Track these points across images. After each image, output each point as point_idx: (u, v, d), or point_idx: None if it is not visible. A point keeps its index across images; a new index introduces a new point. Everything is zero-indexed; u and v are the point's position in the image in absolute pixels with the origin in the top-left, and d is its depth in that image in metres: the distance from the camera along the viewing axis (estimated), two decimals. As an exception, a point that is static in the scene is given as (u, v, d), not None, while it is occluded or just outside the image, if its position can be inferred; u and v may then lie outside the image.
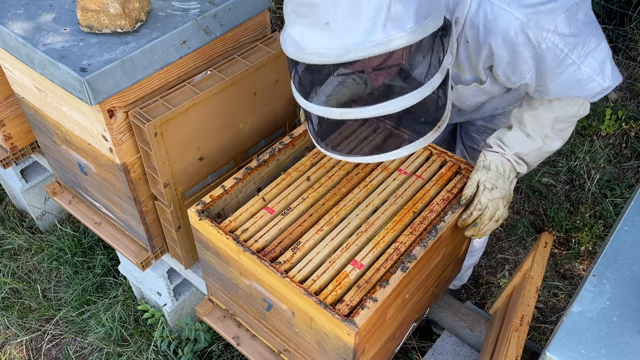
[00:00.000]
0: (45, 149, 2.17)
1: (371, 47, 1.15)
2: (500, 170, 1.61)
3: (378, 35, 1.15)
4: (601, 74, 1.44)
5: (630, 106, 3.54)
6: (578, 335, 1.13)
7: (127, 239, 2.13)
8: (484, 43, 1.46)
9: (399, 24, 1.16)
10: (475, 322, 2.01)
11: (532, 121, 1.58)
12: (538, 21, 1.37)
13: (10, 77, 1.96)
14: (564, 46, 1.39)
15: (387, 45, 1.16)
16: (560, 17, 1.37)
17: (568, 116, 1.56)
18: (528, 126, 1.59)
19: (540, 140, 1.60)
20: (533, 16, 1.37)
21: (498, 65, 1.50)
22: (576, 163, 3.24)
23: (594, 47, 1.42)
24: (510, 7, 1.37)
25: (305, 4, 1.15)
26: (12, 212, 3.14)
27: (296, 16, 1.19)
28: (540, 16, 1.37)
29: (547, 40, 1.38)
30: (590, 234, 2.91)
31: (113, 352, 2.53)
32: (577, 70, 1.43)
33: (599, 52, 1.42)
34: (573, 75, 1.44)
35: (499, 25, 1.40)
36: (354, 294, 1.40)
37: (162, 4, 1.73)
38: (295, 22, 1.20)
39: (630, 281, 1.22)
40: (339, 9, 1.13)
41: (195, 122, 1.70)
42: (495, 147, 1.64)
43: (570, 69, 1.43)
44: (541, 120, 1.57)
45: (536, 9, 1.36)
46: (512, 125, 1.64)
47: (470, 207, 1.59)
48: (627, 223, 1.34)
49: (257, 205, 1.63)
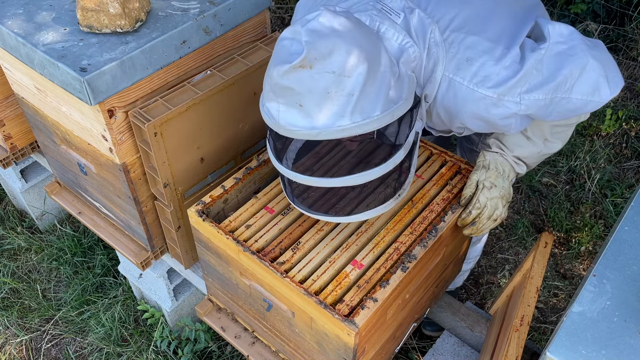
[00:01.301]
0: (45, 149, 2.17)
1: (339, 132, 1.24)
2: (499, 169, 1.61)
3: (345, 121, 1.23)
4: (597, 92, 1.39)
5: (631, 106, 3.54)
6: (578, 335, 1.13)
7: (127, 239, 2.13)
8: (456, 118, 1.48)
9: (365, 112, 1.24)
10: (476, 322, 2.01)
11: (531, 126, 1.57)
12: (509, 91, 1.36)
13: (10, 77, 1.95)
14: (544, 95, 1.37)
15: (352, 131, 1.24)
16: (532, 74, 1.36)
17: (568, 123, 1.55)
18: (528, 130, 1.58)
19: (541, 143, 1.59)
20: (504, 90, 1.36)
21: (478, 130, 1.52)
22: (576, 163, 3.24)
23: (579, 73, 1.37)
24: (480, 88, 1.37)
25: (283, 86, 1.22)
26: (12, 212, 3.14)
27: (274, 94, 1.26)
28: (511, 88, 1.36)
29: (525, 100, 1.37)
30: (591, 234, 2.91)
31: (113, 352, 2.53)
32: (569, 102, 1.40)
33: (587, 74, 1.37)
34: (566, 107, 1.41)
35: (471, 104, 1.41)
36: (354, 294, 1.40)
37: (162, 3, 1.73)
38: (272, 99, 1.28)
39: (630, 281, 1.22)
40: (312, 94, 1.21)
41: (195, 122, 1.70)
42: (494, 147, 1.64)
43: (562, 103, 1.40)
44: (540, 126, 1.56)
45: (506, 84, 1.35)
46: None
47: (469, 206, 1.58)
48: (628, 223, 1.34)
49: (257, 205, 1.63)
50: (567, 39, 1.39)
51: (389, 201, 1.47)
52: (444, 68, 1.41)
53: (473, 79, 1.38)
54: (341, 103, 1.21)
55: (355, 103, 1.22)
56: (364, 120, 1.24)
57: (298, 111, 1.24)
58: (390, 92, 1.27)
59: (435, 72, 1.42)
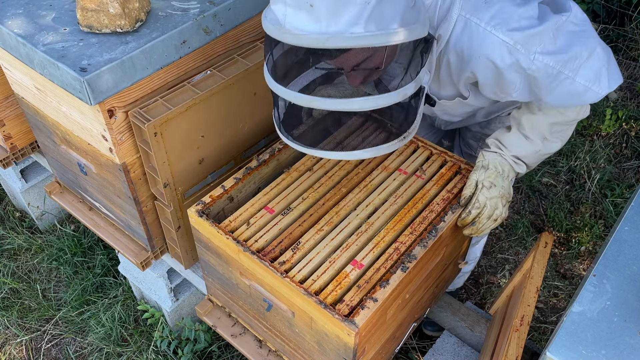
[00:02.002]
0: (45, 149, 2.17)
1: (350, 39, 1.15)
2: (499, 169, 1.60)
3: (359, 28, 1.14)
4: (597, 82, 1.40)
5: (631, 106, 3.54)
6: (578, 335, 1.13)
7: (127, 239, 2.13)
8: (468, 64, 1.44)
9: (383, 22, 1.16)
10: (476, 322, 2.01)
11: (530, 124, 1.57)
12: (526, 44, 1.34)
13: (10, 77, 1.95)
14: (555, 63, 1.37)
15: (365, 41, 1.16)
16: (548, 36, 1.35)
17: (567, 121, 1.55)
18: (527, 128, 1.58)
19: (540, 143, 1.59)
20: (521, 39, 1.34)
21: (482, 85, 1.49)
22: (576, 163, 3.24)
23: (587, 57, 1.38)
24: (497, 31, 1.35)
25: None
26: (12, 212, 3.14)
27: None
28: (528, 39, 1.34)
29: (537, 61, 1.36)
30: (591, 234, 2.91)
31: (113, 352, 2.53)
32: (572, 83, 1.40)
33: (593, 61, 1.39)
34: (568, 89, 1.41)
35: (485, 47, 1.37)
36: (354, 294, 1.40)
37: (162, 3, 1.73)
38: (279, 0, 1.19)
39: (630, 281, 1.22)
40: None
41: (195, 122, 1.70)
42: (493, 147, 1.63)
43: (565, 83, 1.40)
44: (539, 124, 1.56)
45: (524, 32, 1.34)
46: (511, 126, 1.63)
47: (468, 206, 1.58)
48: (628, 223, 1.34)
49: (257, 205, 1.63)
50: (581, 22, 1.40)
51: (393, 141, 1.39)
52: (461, 7, 1.38)
53: (491, 21, 1.36)
54: (357, 9, 1.13)
55: (372, 11, 1.14)
56: (379, 31, 1.16)
57: (307, 14, 1.15)
58: (406, 13, 1.21)
59: (452, 11, 1.38)
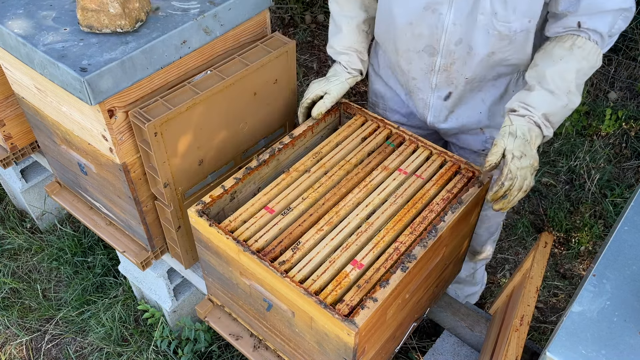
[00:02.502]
0: (45, 149, 2.17)
1: None
2: (527, 137, 1.55)
3: None
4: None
5: (631, 106, 3.54)
6: (578, 335, 1.13)
7: (127, 239, 2.13)
8: None
9: None
10: (475, 322, 2.01)
11: (556, 77, 1.56)
12: None
13: (10, 77, 1.96)
14: None
15: None
16: None
17: (589, 67, 1.56)
18: (551, 83, 1.56)
19: (565, 97, 1.57)
20: None
21: None
22: (576, 163, 3.24)
23: None
24: None
25: None
26: (12, 212, 3.14)
27: None
28: None
29: None
30: (590, 234, 2.91)
31: (113, 352, 2.53)
32: None
33: None
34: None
35: None
36: (354, 293, 1.40)
37: (162, 3, 1.73)
38: None
39: (630, 281, 1.22)
40: None
41: (195, 122, 1.70)
42: (520, 110, 1.58)
43: None
44: (565, 75, 1.55)
45: None
46: (532, 85, 1.60)
47: (501, 177, 1.52)
48: (627, 223, 1.34)
49: (257, 205, 1.63)
50: None
51: None
52: None
53: None
54: None
55: None
56: None
57: None
58: None
59: None
